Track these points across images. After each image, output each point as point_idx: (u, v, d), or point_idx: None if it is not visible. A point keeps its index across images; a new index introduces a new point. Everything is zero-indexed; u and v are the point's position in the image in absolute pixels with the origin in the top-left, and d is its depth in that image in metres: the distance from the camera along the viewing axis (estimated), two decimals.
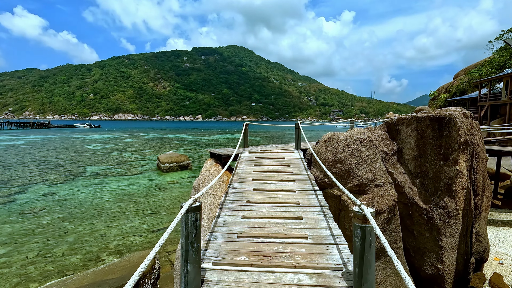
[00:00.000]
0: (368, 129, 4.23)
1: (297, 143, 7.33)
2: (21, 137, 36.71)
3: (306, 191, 3.37)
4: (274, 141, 33.69)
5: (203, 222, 4.00)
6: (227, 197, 3.23)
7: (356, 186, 3.55)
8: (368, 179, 3.52)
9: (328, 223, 2.56)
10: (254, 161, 5.29)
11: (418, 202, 3.52)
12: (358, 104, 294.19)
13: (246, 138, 7.79)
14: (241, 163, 5.08)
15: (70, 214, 8.10)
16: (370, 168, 3.57)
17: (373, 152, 3.70)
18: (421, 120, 3.75)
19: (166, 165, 14.15)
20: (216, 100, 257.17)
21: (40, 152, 21.55)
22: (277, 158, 5.70)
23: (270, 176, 4.13)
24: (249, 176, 4.11)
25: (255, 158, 5.71)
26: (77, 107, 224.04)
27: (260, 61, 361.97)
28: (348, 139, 3.75)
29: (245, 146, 7.81)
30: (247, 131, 7.85)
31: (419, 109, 21.05)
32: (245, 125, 7.85)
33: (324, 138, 4.01)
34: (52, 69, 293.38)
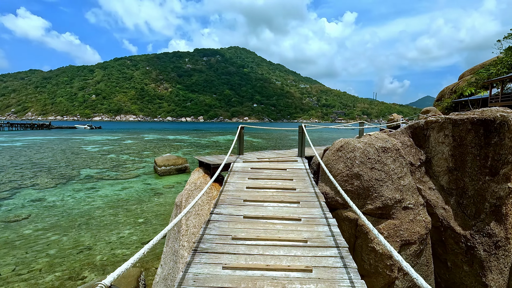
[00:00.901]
0: (388, 134, 3.59)
1: (301, 150, 6.54)
2: (19, 138, 36.32)
3: (314, 220, 2.65)
4: (276, 143, 33.11)
5: (183, 252, 3.27)
6: (207, 228, 2.51)
7: (379, 208, 2.86)
8: (394, 199, 2.84)
9: (352, 281, 1.84)
10: (249, 173, 4.55)
11: (454, 226, 2.86)
12: (360, 105, 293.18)
13: (241, 143, 7.04)
14: (233, 176, 4.33)
15: (56, 223, 7.52)
16: (396, 186, 2.88)
17: (400, 165, 2.99)
18: (459, 123, 3.03)
19: (163, 168, 13.58)
20: (218, 101, 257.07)
21: (36, 154, 21.06)
22: (277, 168, 4.97)
23: (268, 194, 3.41)
24: (241, 195, 3.41)
25: (250, 169, 4.97)
26: (79, 108, 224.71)
27: (261, 62, 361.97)
28: (368, 148, 3.05)
29: (240, 153, 7.11)
30: (242, 135, 7.05)
31: (426, 110, 20.39)
32: (240, 128, 7.09)
33: (335, 145, 3.35)
34: (54, 70, 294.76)
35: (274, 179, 4.17)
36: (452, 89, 32.99)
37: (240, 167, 5.16)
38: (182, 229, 3.37)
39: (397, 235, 2.66)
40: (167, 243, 4.00)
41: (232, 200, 3.24)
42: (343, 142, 3.27)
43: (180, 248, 3.14)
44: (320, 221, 2.68)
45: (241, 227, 2.57)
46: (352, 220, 2.94)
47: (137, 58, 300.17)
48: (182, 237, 3.25)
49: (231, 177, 4.30)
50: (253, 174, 4.51)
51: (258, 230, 2.48)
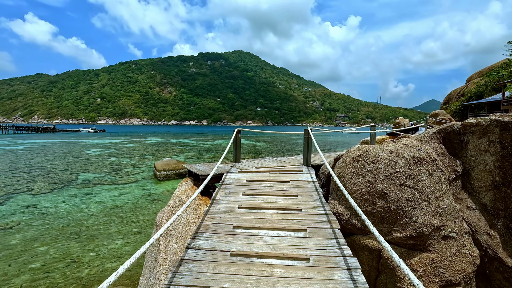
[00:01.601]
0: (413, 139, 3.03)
1: (306, 157, 5.86)
2: (23, 142, 36.29)
3: (328, 260, 1.98)
4: (279, 147, 32.59)
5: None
6: (177, 273, 1.86)
7: (410, 238, 2.26)
8: (431, 226, 2.24)
9: None
10: (244, 187, 3.88)
11: (503, 257, 2.29)
12: (364, 109, 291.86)
13: (237, 149, 6.46)
14: (224, 191, 3.67)
15: (46, 232, 7.10)
16: (434, 209, 2.27)
17: (438, 181, 2.36)
18: (510, 126, 2.39)
19: (163, 173, 13.15)
20: (222, 105, 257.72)
21: (36, 157, 20.80)
22: (279, 180, 4.28)
23: (265, 218, 2.72)
24: (231, 218, 2.72)
25: (245, 181, 4.30)
26: (84, 111, 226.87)
27: (265, 66, 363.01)
28: (395, 158, 2.43)
29: (236, 161, 6.49)
30: (239, 139, 6.48)
31: (434, 113, 19.76)
32: (236, 132, 6.52)
33: (351, 154, 2.79)
34: (61, 74, 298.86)
35: (274, 195, 3.48)
36: (460, 92, 32.27)
37: (234, 179, 4.48)
38: (160, 257, 2.76)
39: (436, 273, 2.11)
40: (144, 272, 3.39)
41: (219, 226, 2.58)
42: (361, 150, 2.72)
43: (156, 282, 2.57)
44: (336, 262, 2.03)
45: (226, 271, 1.95)
46: (374, 251, 2.35)
47: (142, 62, 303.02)
48: (159, 268, 2.67)
49: (222, 192, 3.64)
50: (249, 188, 3.85)
51: (249, 279, 1.85)
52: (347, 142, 43.20)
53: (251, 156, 23.04)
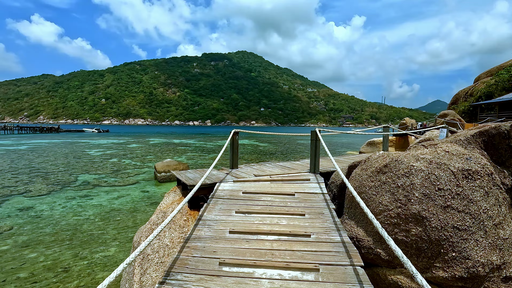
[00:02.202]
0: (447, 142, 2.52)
1: (314, 164, 5.21)
2: (26, 142, 36.31)
3: None
4: (283, 148, 32.13)
5: None
6: None
7: (460, 279, 1.68)
8: (489, 265, 1.65)
9: None
10: (239, 202, 3.25)
11: None
12: (369, 109, 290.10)
13: (234, 153, 5.98)
14: (213, 208, 3.05)
15: (38, 237, 6.78)
16: (492, 240, 1.69)
17: (495, 202, 1.76)
18: None
19: (163, 174, 12.82)
20: (225, 105, 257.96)
21: (38, 157, 20.64)
22: (281, 193, 3.63)
23: (263, 249, 2.10)
24: (218, 249, 2.12)
25: (241, 193, 3.65)
26: (89, 112, 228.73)
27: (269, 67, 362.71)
28: (436, 170, 1.85)
29: (233, 166, 6.01)
30: (236, 142, 5.96)
31: (443, 114, 19.19)
32: (232, 134, 6.05)
33: (374, 162, 2.30)
34: (66, 75, 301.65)
35: (275, 214, 2.83)
36: (468, 92, 31.55)
37: (227, 191, 3.84)
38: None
39: None
40: None
41: (201, 262, 1.95)
42: (388, 158, 2.12)
43: None
44: None
45: None
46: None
47: (146, 62, 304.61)
48: None
49: (211, 209, 2.97)
50: (245, 204, 3.20)
51: None
52: (351, 143, 42.60)
53: (254, 157, 22.65)
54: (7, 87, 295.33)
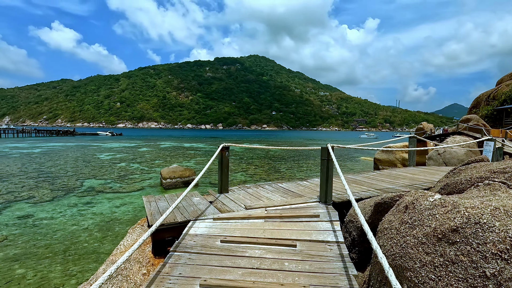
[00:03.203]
0: None
1: (326, 192, 4.18)
2: (41, 145, 37.04)
3: None
4: (294, 153, 31.31)
5: None
6: None
7: None
8: None
9: None
10: (212, 260, 2.36)
11: None
12: (382, 113, 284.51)
13: (224, 173, 5.02)
14: (172, 271, 2.19)
15: (31, 249, 6.40)
16: None
17: None
18: None
19: (168, 180, 12.39)
20: (237, 109, 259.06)
21: (48, 161, 20.76)
22: (277, 243, 2.68)
23: None
24: None
25: (219, 242, 2.71)
26: (105, 115, 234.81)
27: (281, 70, 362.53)
28: None
29: (222, 190, 5.13)
30: (226, 160, 5.09)
31: (466, 119, 18.03)
32: (221, 149, 5.08)
33: (428, 216, 1.40)
34: (83, 80, 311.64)
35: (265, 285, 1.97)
36: (490, 96, 29.93)
37: (201, 236, 2.90)
38: None
39: None
40: None
41: None
42: (458, 215, 1.27)
43: None
44: None
45: None
46: None
47: (160, 67, 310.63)
48: None
49: (165, 276, 2.11)
50: (220, 265, 2.29)
51: None
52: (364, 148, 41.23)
53: (263, 164, 22.03)
54: (28, 92, 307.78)
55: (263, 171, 17.48)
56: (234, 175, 16.05)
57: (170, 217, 3.78)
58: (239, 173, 16.66)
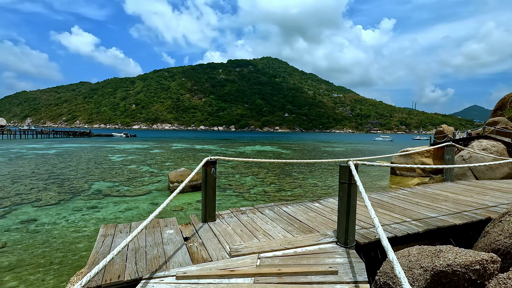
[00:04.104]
0: None
1: (346, 229, 3.05)
2: (57, 146, 37.86)
3: None
4: (307, 156, 30.54)
5: None
6: None
7: None
8: None
9: None
10: None
11: None
12: (398, 115, 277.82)
13: (209, 196, 4.04)
14: None
15: (27, 258, 6.10)
16: None
17: None
18: None
19: (176, 184, 12.01)
20: (249, 111, 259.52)
21: (61, 162, 20.95)
22: None
23: None
24: None
25: None
26: (121, 117, 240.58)
27: (293, 72, 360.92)
28: None
29: (207, 219, 4.11)
30: (211, 177, 4.07)
31: (493, 121, 16.81)
32: (204, 163, 4.01)
33: None
34: (101, 82, 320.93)
35: None
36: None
37: None
38: None
39: None
40: None
41: None
42: None
43: None
44: None
45: None
46: None
47: (174, 69, 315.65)
48: None
49: None
50: None
51: None
52: (379, 151, 39.95)
53: (274, 166, 21.39)
54: (49, 94, 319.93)
55: (273, 175, 16.90)
56: (244, 179, 15.56)
57: (114, 269, 2.74)
58: (249, 177, 16.15)
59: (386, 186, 14.35)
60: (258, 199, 11.30)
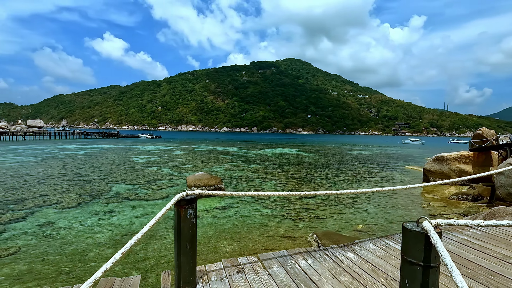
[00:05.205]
0: None
1: None
2: (86, 147, 39.51)
3: None
4: (330, 159, 29.35)
5: None
6: None
7: None
8: None
9: None
10: None
11: None
12: (428, 116, 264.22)
13: (183, 255, 2.54)
14: None
15: (38, 266, 5.93)
16: None
17: None
18: None
19: (193, 189, 11.65)
20: (272, 113, 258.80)
21: (87, 163, 21.58)
22: None
23: None
24: None
25: None
26: (147, 118, 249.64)
27: (317, 73, 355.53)
28: None
29: (180, 286, 2.60)
30: (188, 223, 2.54)
31: None
32: (175, 202, 2.53)
33: None
34: (130, 85, 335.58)
35: None
36: None
37: None
38: None
39: None
40: None
41: None
42: None
43: None
44: None
45: None
46: None
47: (198, 72, 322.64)
48: None
49: None
50: None
51: None
52: (409, 155, 37.68)
53: (296, 170, 20.59)
54: (82, 97, 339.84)
55: (295, 180, 16.16)
56: (265, 184, 14.98)
57: None
58: (270, 182, 15.54)
59: (418, 195, 13.15)
60: (278, 206, 10.68)
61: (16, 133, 55.79)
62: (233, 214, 9.67)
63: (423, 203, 11.57)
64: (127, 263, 6.08)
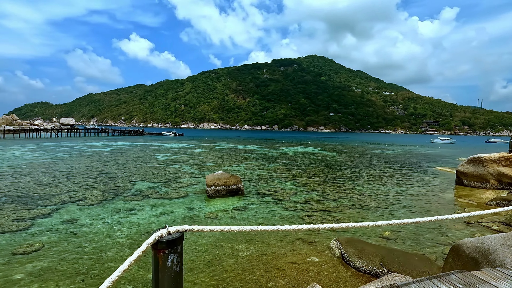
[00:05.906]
0: None
1: None
2: (113, 144, 41.04)
3: None
4: (353, 159, 28.26)
5: None
6: None
7: None
8: None
9: None
10: None
11: None
12: (459, 114, 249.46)
13: None
14: None
15: (58, 264, 6.00)
16: None
17: None
18: None
19: (212, 188, 11.58)
20: (293, 110, 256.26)
21: (112, 160, 22.29)
22: None
23: None
24: None
25: None
26: (171, 116, 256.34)
27: (340, 70, 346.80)
28: None
29: None
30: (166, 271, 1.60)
31: None
32: (153, 243, 1.57)
33: None
34: (154, 84, 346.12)
35: None
36: None
37: None
38: None
39: None
40: None
41: None
42: None
43: None
44: None
45: None
46: None
47: (220, 71, 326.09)
48: None
49: None
50: None
51: None
52: (439, 155, 35.55)
53: (317, 170, 19.97)
54: (111, 96, 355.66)
55: (316, 181, 15.63)
56: (285, 184, 14.61)
57: None
58: (290, 182, 15.14)
59: (451, 199, 12.19)
60: (299, 208, 10.28)
61: (50, 130, 59.30)
62: (252, 216, 9.41)
63: (458, 208, 10.67)
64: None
